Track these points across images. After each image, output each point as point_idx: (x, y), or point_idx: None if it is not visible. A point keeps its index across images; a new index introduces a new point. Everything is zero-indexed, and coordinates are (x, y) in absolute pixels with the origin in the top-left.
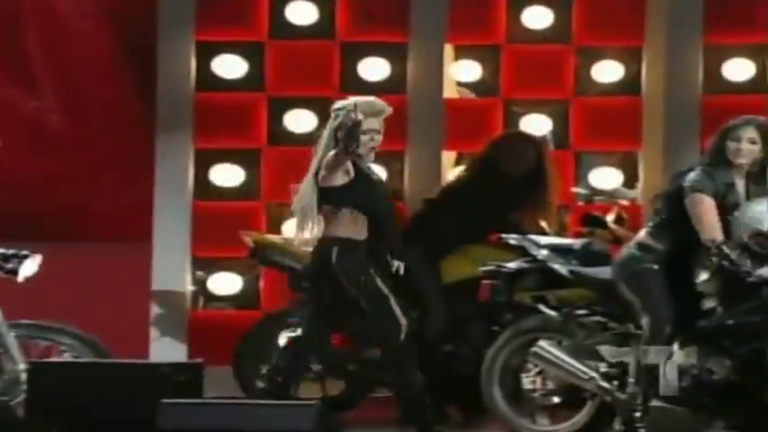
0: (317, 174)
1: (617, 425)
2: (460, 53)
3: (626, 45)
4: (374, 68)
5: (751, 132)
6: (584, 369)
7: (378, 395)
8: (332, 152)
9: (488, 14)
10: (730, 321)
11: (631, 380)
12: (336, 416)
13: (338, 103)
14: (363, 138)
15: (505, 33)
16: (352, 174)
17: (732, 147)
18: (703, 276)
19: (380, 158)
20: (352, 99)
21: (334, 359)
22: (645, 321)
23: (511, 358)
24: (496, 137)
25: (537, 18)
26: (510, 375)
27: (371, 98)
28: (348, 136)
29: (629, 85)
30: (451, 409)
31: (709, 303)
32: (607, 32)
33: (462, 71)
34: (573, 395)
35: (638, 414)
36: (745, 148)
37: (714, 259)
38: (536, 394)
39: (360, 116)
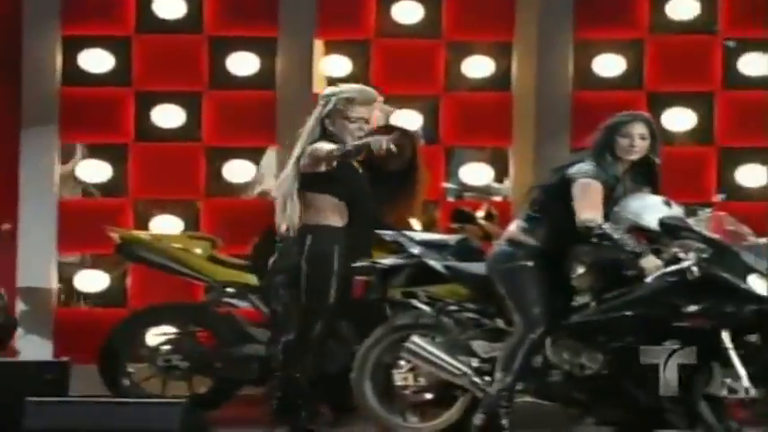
0: (298, 160)
1: (477, 420)
2: (330, 48)
3: (496, 40)
4: (243, 63)
5: (641, 128)
6: (457, 365)
7: (245, 393)
8: (325, 147)
9: (358, 9)
10: (603, 316)
11: (498, 375)
12: (203, 414)
13: (328, 90)
14: (352, 126)
15: (375, 28)
16: (335, 162)
17: (624, 143)
18: (579, 271)
19: (250, 154)
20: (342, 86)
21: (200, 357)
22: (517, 318)
23: (383, 355)
24: (371, 131)
25: (407, 13)
26: (382, 372)
27: (362, 86)
28: (359, 150)
29: (500, 80)
30: (322, 407)
31: (583, 298)
32: (477, 27)
33: (332, 66)
34: (444, 391)
35: (502, 410)
36: (638, 144)
37: (588, 249)
38: (407, 391)
39: (392, 147)
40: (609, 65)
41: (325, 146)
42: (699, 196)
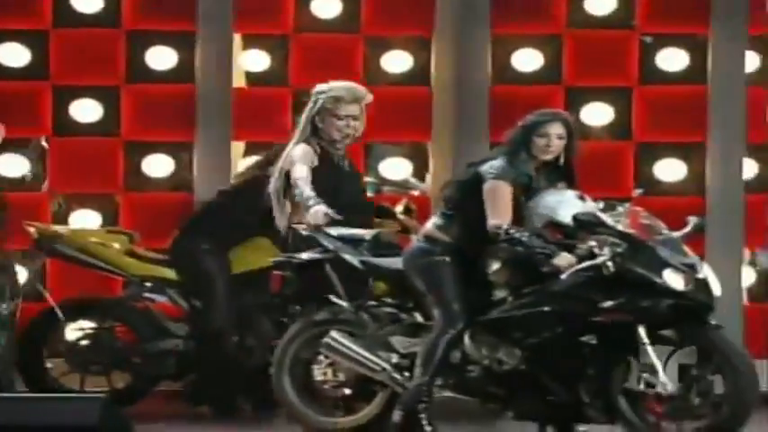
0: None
1: (396, 416)
2: (248, 43)
3: (414, 35)
4: (161, 57)
5: (558, 128)
6: (376, 360)
7: (164, 388)
8: (297, 170)
9: (276, 3)
10: (520, 312)
11: (417, 371)
12: (122, 409)
13: (317, 88)
14: (340, 123)
15: (294, 23)
16: (316, 162)
17: (541, 143)
18: (494, 266)
19: (169, 149)
20: (331, 84)
21: (118, 352)
22: (437, 314)
23: (302, 350)
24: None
25: (325, 7)
26: (301, 367)
27: (352, 84)
28: (305, 203)
29: (419, 75)
30: (241, 402)
31: (500, 293)
32: (396, 22)
33: (250, 61)
34: (364, 387)
35: (421, 405)
36: (555, 144)
37: (504, 246)
38: (327, 386)
39: (333, 216)
40: (527, 60)
41: (298, 168)
42: (617, 191)
